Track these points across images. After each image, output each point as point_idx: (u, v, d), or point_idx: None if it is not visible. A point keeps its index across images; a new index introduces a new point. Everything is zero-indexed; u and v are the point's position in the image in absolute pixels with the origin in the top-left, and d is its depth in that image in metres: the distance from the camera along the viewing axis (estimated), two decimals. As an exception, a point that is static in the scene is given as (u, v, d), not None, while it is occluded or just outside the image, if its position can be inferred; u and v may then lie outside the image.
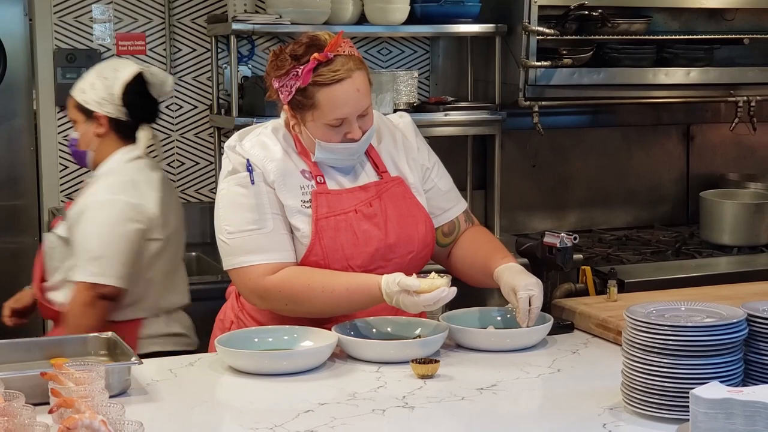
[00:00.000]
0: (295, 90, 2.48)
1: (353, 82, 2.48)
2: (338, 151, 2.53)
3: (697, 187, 4.60)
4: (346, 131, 2.51)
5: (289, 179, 2.53)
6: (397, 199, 2.61)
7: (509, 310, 2.64)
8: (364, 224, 2.55)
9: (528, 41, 4.02)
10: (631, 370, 2.02)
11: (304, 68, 2.46)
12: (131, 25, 4.10)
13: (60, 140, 4.05)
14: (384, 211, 2.58)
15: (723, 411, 1.76)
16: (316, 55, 2.45)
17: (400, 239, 2.57)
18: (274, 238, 2.50)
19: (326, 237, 2.51)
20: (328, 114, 2.48)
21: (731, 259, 4.06)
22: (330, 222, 2.52)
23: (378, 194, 2.59)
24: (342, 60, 2.48)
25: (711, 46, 4.38)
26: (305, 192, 2.53)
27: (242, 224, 2.50)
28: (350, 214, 2.54)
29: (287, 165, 2.54)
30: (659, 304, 2.12)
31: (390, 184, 2.62)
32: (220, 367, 2.37)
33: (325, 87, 2.46)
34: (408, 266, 2.57)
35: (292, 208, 2.52)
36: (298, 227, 2.51)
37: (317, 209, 2.51)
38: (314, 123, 2.50)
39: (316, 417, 2.05)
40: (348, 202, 2.55)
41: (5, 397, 1.86)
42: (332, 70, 2.46)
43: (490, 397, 2.18)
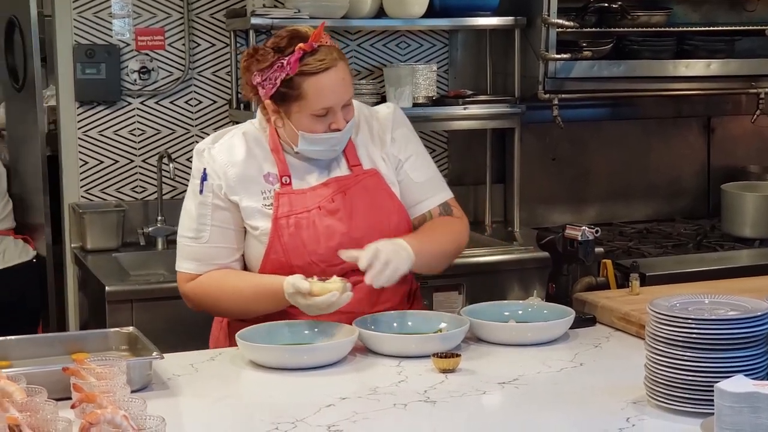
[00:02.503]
0: (280, 82, 2.50)
1: (338, 72, 2.51)
2: (322, 141, 2.54)
3: (718, 179, 4.57)
4: (331, 121, 2.53)
5: (249, 184, 2.57)
6: (368, 192, 2.61)
7: (531, 304, 2.64)
8: (326, 220, 2.56)
9: (547, 34, 4.00)
10: (654, 364, 2.01)
11: (290, 58, 2.48)
12: (150, 20, 4.10)
13: (80, 136, 4.06)
14: (349, 206, 2.58)
15: (748, 405, 1.75)
16: (302, 45, 2.48)
17: (367, 232, 2.55)
18: (205, 250, 2.58)
19: (286, 234, 2.53)
20: (314, 103, 2.50)
21: (753, 252, 4.03)
22: (290, 220, 2.54)
23: (342, 189, 2.59)
24: (326, 50, 2.51)
25: (732, 38, 4.34)
26: (267, 196, 2.57)
27: (183, 230, 2.63)
28: (313, 211, 2.56)
29: (249, 170, 2.57)
30: (683, 297, 2.10)
31: (361, 177, 2.62)
32: (241, 361, 2.37)
33: (312, 76, 2.48)
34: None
35: (252, 209, 2.56)
36: (257, 226, 2.55)
37: (278, 209, 2.55)
38: (299, 114, 2.52)
39: (337, 411, 2.04)
40: (311, 201, 2.57)
41: (28, 392, 1.87)
42: (318, 60, 2.49)
43: (512, 391, 2.17)
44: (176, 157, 4.12)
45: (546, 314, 2.58)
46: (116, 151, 4.10)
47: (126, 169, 4.11)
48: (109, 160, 4.09)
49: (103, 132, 4.08)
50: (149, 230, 4.02)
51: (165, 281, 3.67)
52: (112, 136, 4.09)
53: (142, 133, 4.13)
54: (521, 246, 3.93)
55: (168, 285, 3.57)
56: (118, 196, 4.10)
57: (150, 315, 3.44)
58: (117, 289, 3.47)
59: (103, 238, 3.93)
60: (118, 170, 4.11)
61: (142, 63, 4.09)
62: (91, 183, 4.08)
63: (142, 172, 4.13)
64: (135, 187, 4.13)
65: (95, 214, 3.96)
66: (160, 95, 4.13)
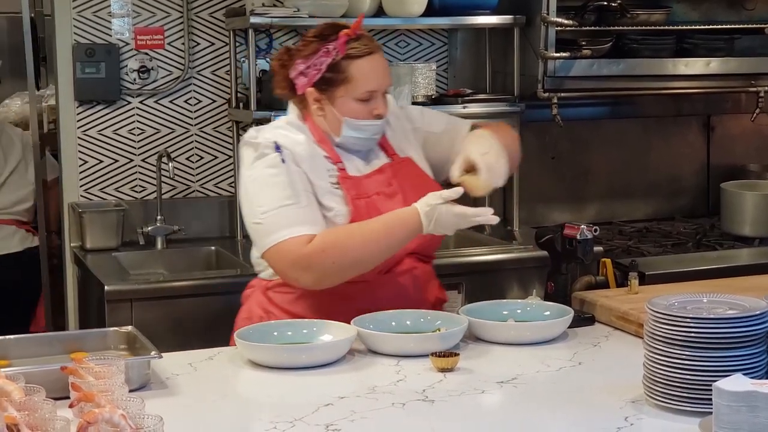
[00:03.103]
0: (326, 66, 2.56)
1: (379, 58, 2.62)
2: (365, 128, 2.60)
3: (717, 178, 4.57)
4: (374, 107, 2.59)
5: (316, 161, 2.59)
6: (411, 176, 2.68)
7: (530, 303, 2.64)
8: (388, 204, 2.61)
9: (547, 32, 4.00)
10: (653, 363, 2.01)
11: (335, 43, 2.56)
12: (150, 20, 4.10)
13: (80, 135, 4.06)
14: (402, 189, 2.64)
15: (746, 404, 1.75)
16: (346, 30, 2.58)
17: None
18: (308, 212, 2.52)
19: (364, 215, 2.57)
20: (360, 86, 2.57)
21: (752, 251, 4.03)
22: (362, 202, 2.59)
23: (393, 174, 2.66)
24: (367, 38, 2.61)
25: (731, 36, 4.34)
26: (332, 175, 2.60)
27: (277, 201, 2.50)
28: (374, 197, 2.61)
29: (312, 148, 2.60)
30: (681, 296, 2.10)
31: (401, 164, 2.69)
32: (240, 360, 2.37)
33: (358, 59, 2.57)
34: (427, 241, 2.63)
35: (323, 188, 2.58)
36: (331, 207, 2.56)
37: (348, 191, 2.58)
38: (344, 98, 2.58)
39: (335, 411, 2.04)
40: (370, 187, 2.61)
41: (26, 391, 1.87)
42: (363, 44, 2.58)
43: (511, 390, 2.17)
44: (176, 157, 4.12)
45: (545, 313, 2.58)
46: (116, 150, 4.10)
47: (125, 168, 4.11)
48: (109, 160, 4.09)
49: (102, 131, 4.08)
50: (149, 229, 4.02)
51: (164, 281, 3.67)
52: (112, 135, 4.09)
53: (142, 133, 4.12)
54: (520, 245, 3.93)
55: (167, 284, 3.59)
56: (118, 196, 4.10)
57: (149, 314, 3.44)
58: (116, 288, 3.47)
59: (102, 237, 3.93)
60: (117, 169, 4.11)
61: (142, 62, 4.09)
62: (91, 182, 4.08)
63: (142, 172, 4.13)
64: (134, 186, 4.13)
65: (95, 214, 3.96)
66: (160, 94, 4.13)
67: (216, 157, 4.21)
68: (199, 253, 4.03)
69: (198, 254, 4.03)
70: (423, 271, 2.69)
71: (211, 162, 4.21)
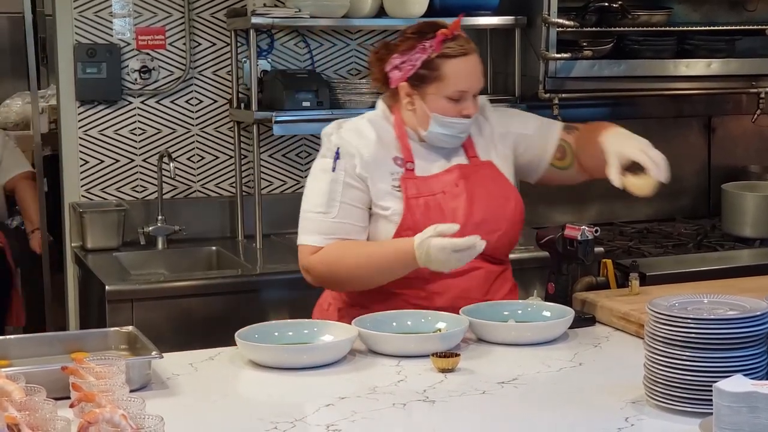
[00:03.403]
0: (420, 63, 2.63)
1: (474, 59, 2.67)
2: (451, 126, 2.66)
3: (718, 179, 4.57)
4: (463, 107, 2.65)
5: (380, 165, 2.66)
6: (486, 180, 2.73)
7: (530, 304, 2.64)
8: (451, 203, 2.67)
9: (548, 33, 4.00)
10: (653, 364, 2.01)
11: (432, 41, 2.62)
12: (151, 20, 4.10)
13: (81, 135, 4.06)
14: (470, 191, 2.69)
15: (747, 405, 1.75)
16: (444, 30, 2.64)
17: (486, 216, 2.68)
18: (332, 224, 2.64)
19: (418, 213, 2.63)
20: (452, 85, 2.63)
21: (753, 252, 4.03)
22: (420, 201, 2.64)
23: (464, 176, 2.70)
24: (464, 39, 2.67)
25: (732, 38, 4.34)
26: (395, 177, 2.66)
27: (311, 206, 2.67)
28: (438, 195, 2.67)
29: (380, 152, 2.67)
30: (682, 296, 2.10)
31: (479, 167, 2.74)
32: (241, 361, 2.37)
33: (453, 59, 2.63)
34: (495, 244, 2.68)
35: (383, 191, 2.65)
36: (388, 206, 2.64)
37: (407, 191, 2.64)
38: (435, 96, 2.64)
39: (336, 411, 2.04)
40: (436, 185, 2.68)
41: (27, 391, 1.87)
42: (459, 44, 2.64)
43: (511, 390, 2.17)
44: (177, 157, 4.12)
45: (545, 314, 2.58)
46: (117, 150, 4.10)
47: (126, 168, 4.12)
48: (110, 160, 4.10)
49: (103, 131, 4.08)
50: (150, 229, 4.02)
51: (165, 281, 3.68)
52: (113, 135, 4.09)
53: (143, 133, 4.13)
54: (521, 246, 3.91)
55: (168, 284, 3.59)
56: (119, 196, 4.11)
57: (150, 314, 3.44)
58: (117, 288, 3.47)
59: (103, 237, 3.94)
60: (118, 169, 4.11)
61: (143, 62, 4.09)
62: (92, 182, 4.08)
63: (143, 172, 4.13)
64: (135, 186, 4.13)
65: (96, 214, 3.96)
66: (161, 95, 4.13)
67: (217, 157, 4.21)
68: (200, 254, 4.04)
69: (199, 254, 4.04)
70: (489, 271, 2.72)
71: (212, 162, 4.21)
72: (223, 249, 4.01)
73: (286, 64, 4.22)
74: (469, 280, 2.67)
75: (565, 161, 2.84)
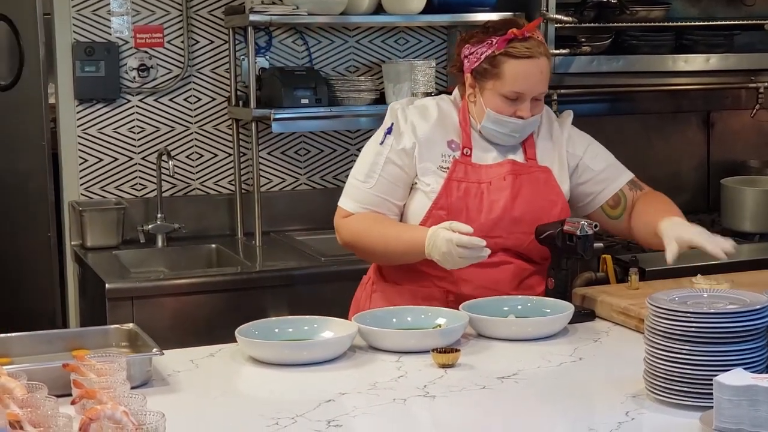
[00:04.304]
0: (484, 57, 2.67)
1: (539, 64, 2.67)
2: (504, 124, 2.69)
3: (717, 174, 4.57)
4: (517, 108, 2.68)
5: (433, 145, 2.72)
6: (538, 183, 2.75)
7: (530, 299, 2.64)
8: (494, 194, 2.70)
9: (546, 29, 4.00)
10: (653, 358, 2.01)
11: (500, 38, 2.65)
12: (149, 18, 4.11)
13: (80, 134, 4.06)
14: (517, 187, 2.71)
15: (747, 398, 1.75)
16: (515, 30, 2.66)
17: (526, 216, 2.70)
18: (368, 194, 2.73)
19: (454, 195, 2.68)
20: (508, 85, 2.66)
21: (753, 246, 4.03)
22: (461, 185, 2.69)
23: (515, 172, 2.72)
24: (535, 42, 2.68)
25: (731, 32, 4.34)
26: (445, 160, 2.71)
27: (355, 172, 2.77)
28: (484, 184, 2.70)
29: (436, 133, 2.73)
30: (681, 291, 2.10)
31: (534, 169, 2.76)
32: (241, 357, 2.37)
33: (514, 59, 2.66)
34: (530, 244, 2.71)
35: (428, 169, 2.71)
36: (429, 183, 2.70)
37: (453, 172, 2.69)
38: (492, 92, 2.68)
39: (336, 407, 2.05)
40: (485, 175, 2.71)
41: (28, 388, 1.87)
42: (525, 46, 2.66)
43: (512, 385, 2.17)
44: (176, 155, 4.13)
45: (545, 309, 2.58)
46: (116, 148, 4.10)
47: (126, 166, 4.12)
48: (109, 158, 4.10)
49: (102, 130, 4.09)
50: (149, 227, 4.03)
51: (165, 278, 3.68)
52: (112, 133, 4.10)
53: (142, 131, 4.13)
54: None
55: (168, 282, 3.59)
56: (118, 194, 4.11)
57: (150, 312, 3.45)
58: (117, 286, 3.48)
59: (103, 235, 3.94)
60: (117, 168, 4.11)
61: (141, 60, 4.09)
62: (91, 181, 4.09)
63: (142, 170, 4.13)
64: (135, 184, 4.13)
65: (95, 212, 3.96)
66: (160, 93, 4.13)
67: (216, 155, 4.21)
68: (199, 251, 4.04)
69: (198, 252, 4.04)
70: (520, 268, 2.74)
71: (211, 160, 4.21)
72: (223, 246, 4.01)
73: (285, 61, 4.22)
74: (499, 272, 2.70)
75: (616, 211, 2.87)
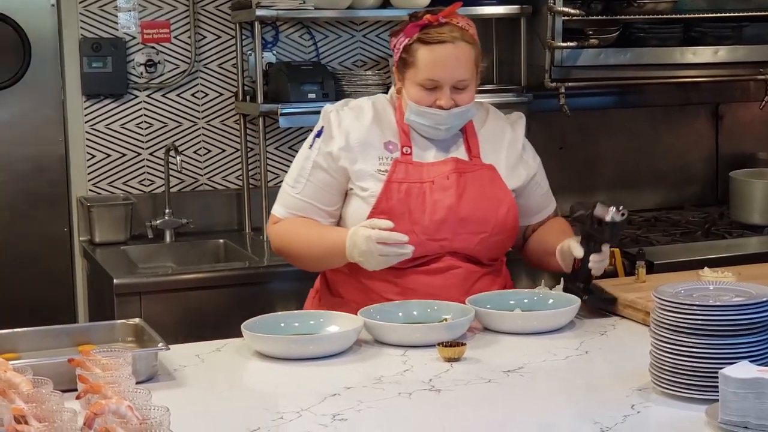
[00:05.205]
0: (402, 47, 2.61)
1: (454, 49, 2.58)
2: (425, 115, 2.61)
3: (726, 166, 4.56)
4: (437, 98, 2.59)
5: (369, 148, 2.64)
6: (483, 181, 2.67)
7: (536, 293, 2.63)
8: (437, 194, 2.62)
9: (553, 22, 3.99)
10: (659, 351, 2.01)
11: (412, 24, 2.59)
12: (156, 13, 4.11)
13: (87, 129, 4.07)
14: (462, 186, 2.63)
15: (753, 390, 1.75)
16: (429, 16, 2.59)
17: (473, 215, 2.62)
18: (296, 200, 2.68)
19: (395, 198, 2.59)
20: (421, 73, 2.58)
21: (762, 239, 4.02)
22: (402, 186, 2.60)
23: (460, 170, 2.65)
24: (451, 27, 2.60)
25: (739, 24, 4.32)
26: (383, 162, 2.63)
27: (287, 178, 2.73)
28: (426, 184, 2.62)
29: (372, 135, 2.65)
30: (687, 283, 2.10)
31: (478, 167, 2.67)
32: (247, 352, 2.37)
33: (427, 45, 2.58)
34: (477, 246, 2.63)
35: (365, 172, 2.62)
36: (367, 187, 2.62)
37: (392, 174, 2.61)
38: (411, 82, 2.61)
39: (342, 401, 2.05)
40: (427, 174, 2.63)
41: (34, 383, 1.87)
42: (438, 32, 2.58)
43: (517, 379, 2.17)
44: (183, 150, 4.13)
45: (551, 303, 2.58)
46: (123, 144, 4.11)
47: (133, 162, 4.12)
48: (117, 154, 4.10)
49: (110, 125, 4.09)
50: (157, 223, 4.03)
51: (173, 273, 3.68)
52: (119, 129, 4.10)
53: (149, 126, 4.13)
54: (529, 235, 3.92)
55: (176, 277, 3.60)
56: (126, 189, 4.12)
57: (158, 307, 3.45)
58: (125, 281, 3.48)
59: (111, 231, 3.95)
60: (125, 163, 4.12)
61: (149, 56, 4.10)
62: (99, 176, 4.09)
63: (150, 165, 4.14)
64: (142, 180, 4.14)
65: (103, 208, 3.97)
66: (167, 88, 4.13)
67: (224, 150, 4.22)
68: (207, 246, 4.05)
69: (206, 247, 4.04)
70: (469, 271, 2.65)
71: (218, 155, 4.21)
72: (230, 241, 4.02)
73: (292, 56, 4.22)
74: (446, 278, 2.62)
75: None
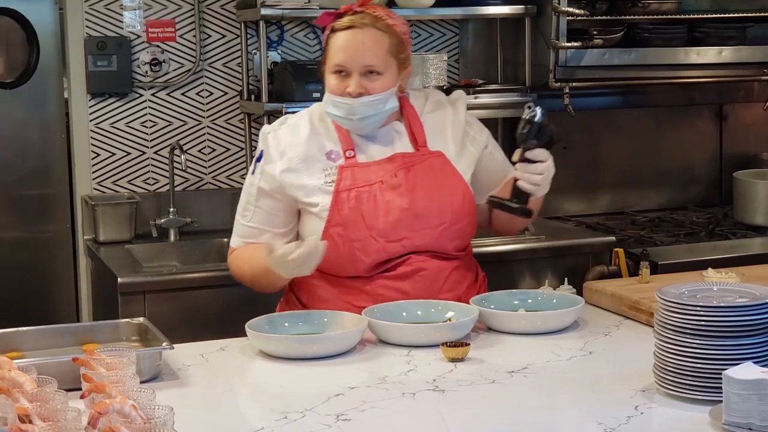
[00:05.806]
0: (324, 39, 2.61)
1: (362, 34, 2.54)
2: (338, 105, 2.58)
3: (730, 167, 4.56)
4: (346, 85, 2.55)
5: (312, 163, 2.61)
6: (433, 170, 2.62)
7: (540, 293, 2.64)
8: (388, 195, 2.57)
9: (558, 22, 3.99)
10: (663, 352, 2.01)
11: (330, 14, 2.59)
12: (161, 12, 4.11)
13: (92, 128, 4.07)
14: (412, 182, 2.59)
15: (757, 392, 1.75)
16: (345, 5, 2.56)
17: (428, 209, 2.58)
18: (248, 229, 2.68)
19: (346, 208, 2.55)
20: (331, 59, 2.57)
21: (766, 240, 4.01)
22: (351, 194, 2.56)
23: (406, 165, 2.60)
24: (364, 15, 2.56)
25: (743, 25, 4.32)
26: (329, 173, 2.59)
27: (239, 208, 2.72)
28: (375, 185, 2.58)
29: (311, 149, 2.61)
30: (691, 284, 2.10)
31: (426, 156, 2.63)
32: (251, 351, 2.38)
33: (335, 32, 2.58)
34: (439, 238, 2.60)
35: (312, 187, 2.59)
36: (317, 203, 2.58)
37: (339, 183, 2.57)
38: (328, 73, 2.59)
39: (346, 401, 2.05)
40: (374, 174, 2.58)
41: (38, 382, 1.88)
42: (349, 19, 2.56)
43: (521, 380, 2.17)
44: (188, 149, 4.13)
45: (555, 303, 2.58)
46: (128, 143, 4.11)
47: (138, 160, 4.13)
48: (121, 152, 4.11)
49: (114, 124, 4.10)
50: (161, 222, 4.03)
51: (177, 272, 3.68)
52: (124, 128, 4.10)
53: (154, 125, 4.14)
54: (533, 235, 3.92)
55: (180, 276, 3.60)
56: (131, 188, 4.12)
57: (163, 306, 3.45)
58: (129, 280, 3.48)
59: (115, 229, 3.95)
60: (130, 162, 4.12)
61: (153, 55, 4.10)
62: (104, 175, 4.10)
63: (154, 164, 4.14)
64: (147, 178, 4.14)
65: (107, 206, 3.97)
66: (172, 87, 4.14)
67: (228, 149, 4.22)
68: (211, 245, 4.04)
69: (211, 246, 4.04)
70: (438, 270, 2.61)
71: (223, 154, 4.22)
72: (234, 241, 4.01)
73: (296, 55, 4.22)
74: (414, 282, 2.58)
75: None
